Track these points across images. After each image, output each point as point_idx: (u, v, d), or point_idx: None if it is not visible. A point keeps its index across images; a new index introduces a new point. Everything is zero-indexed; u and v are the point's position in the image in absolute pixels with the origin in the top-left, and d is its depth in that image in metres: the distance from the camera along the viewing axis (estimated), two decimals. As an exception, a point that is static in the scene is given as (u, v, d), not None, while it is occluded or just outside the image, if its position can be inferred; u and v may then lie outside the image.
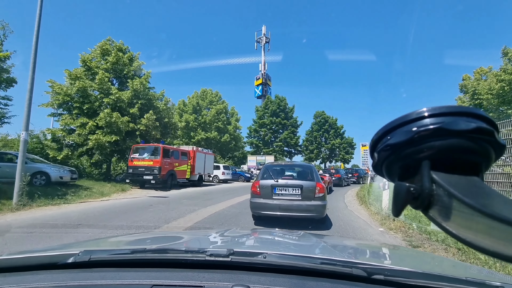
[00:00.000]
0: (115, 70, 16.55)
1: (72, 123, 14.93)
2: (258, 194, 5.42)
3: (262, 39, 49.95)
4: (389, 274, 0.90)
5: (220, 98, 35.08)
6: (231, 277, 0.90)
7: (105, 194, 10.86)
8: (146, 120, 15.40)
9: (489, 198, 0.28)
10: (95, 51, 16.55)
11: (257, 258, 0.98)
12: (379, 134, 0.35)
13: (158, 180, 13.84)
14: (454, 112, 0.31)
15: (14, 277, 0.94)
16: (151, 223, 5.82)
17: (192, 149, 17.92)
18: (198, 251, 1.03)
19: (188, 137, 31.34)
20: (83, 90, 14.95)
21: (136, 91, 15.83)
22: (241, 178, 25.87)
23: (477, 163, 0.32)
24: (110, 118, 14.31)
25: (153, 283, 0.85)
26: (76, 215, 6.39)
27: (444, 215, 0.29)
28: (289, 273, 0.94)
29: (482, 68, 20.70)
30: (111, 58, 16.01)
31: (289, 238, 1.74)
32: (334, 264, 0.96)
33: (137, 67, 16.82)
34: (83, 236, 4.65)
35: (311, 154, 40.62)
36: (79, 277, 0.92)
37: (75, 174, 11.95)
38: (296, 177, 5.84)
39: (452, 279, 0.87)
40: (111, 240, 1.78)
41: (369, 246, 1.95)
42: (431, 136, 0.31)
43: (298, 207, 5.14)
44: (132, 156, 14.35)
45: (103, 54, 16.44)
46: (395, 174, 0.35)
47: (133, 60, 17.16)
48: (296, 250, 1.42)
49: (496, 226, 0.24)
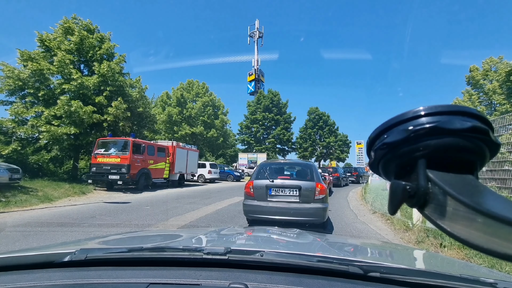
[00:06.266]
0: (80, 52, 14.16)
1: (24, 112, 12.50)
2: (251, 196, 4.98)
3: (255, 34, 47.86)
4: (385, 272, 0.90)
5: (207, 90, 32.37)
6: (228, 275, 0.91)
7: (51, 199, 8.60)
8: (114, 109, 13.02)
9: (484, 196, 0.28)
10: (57, 31, 14.10)
11: (254, 256, 0.99)
12: (376, 132, 0.36)
13: (126, 180, 11.62)
14: (450, 111, 0.32)
15: (9, 276, 0.93)
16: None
17: (171, 144, 15.66)
18: (195, 249, 1.05)
19: (171, 132, 28.72)
20: (39, 74, 12.55)
21: (105, 76, 13.45)
22: (230, 177, 23.60)
23: (472, 162, 0.33)
24: (68, 107, 11.97)
25: (150, 282, 0.84)
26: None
27: (439, 213, 0.29)
28: (286, 271, 0.94)
29: (492, 58, 19.05)
30: (74, 38, 13.60)
31: (286, 236, 1.78)
32: (331, 262, 0.97)
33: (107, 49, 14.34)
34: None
35: (305, 152, 38.79)
36: (75, 275, 0.92)
37: (17, 174, 9.59)
38: (294, 177, 5.30)
39: (447, 276, 0.89)
40: (108, 239, 1.70)
41: (366, 244, 1.89)
42: (427, 135, 0.31)
43: (295, 210, 4.68)
44: (96, 152, 12.07)
45: (66, 34, 14.01)
46: (391, 172, 0.36)
47: (104, 42, 14.77)
48: (293, 248, 1.46)
49: (491, 224, 0.25)
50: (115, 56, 15.19)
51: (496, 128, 6.56)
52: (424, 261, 1.48)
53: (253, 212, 4.94)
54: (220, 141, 31.56)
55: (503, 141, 6.20)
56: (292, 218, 4.66)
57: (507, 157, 6.28)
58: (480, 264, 3.18)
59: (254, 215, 4.94)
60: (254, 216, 4.96)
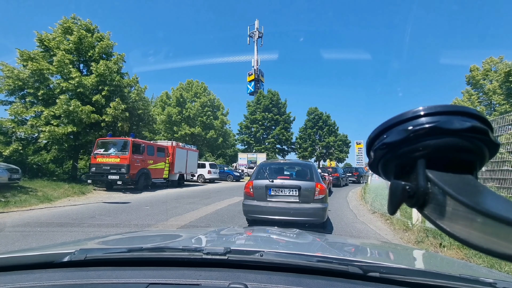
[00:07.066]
0: (80, 52, 14.13)
1: (24, 112, 12.47)
2: (251, 196, 4.97)
3: (255, 34, 47.76)
4: (384, 272, 0.90)
5: (205, 89, 32.23)
6: (228, 275, 0.91)
7: (51, 199, 8.59)
8: (112, 109, 12.99)
9: (483, 196, 0.28)
10: (56, 31, 14.07)
11: (254, 256, 0.99)
12: (376, 132, 0.36)
13: (126, 180, 11.60)
14: (449, 111, 0.32)
15: (9, 276, 0.93)
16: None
17: (171, 144, 15.63)
18: (195, 249, 1.04)
19: (171, 132, 28.64)
20: (39, 74, 12.53)
21: (102, 76, 13.41)
22: (229, 178, 23.56)
23: (472, 162, 0.33)
24: (67, 107, 11.95)
25: (150, 282, 0.84)
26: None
27: (438, 213, 0.29)
28: (285, 271, 0.94)
29: (492, 58, 19.05)
30: (73, 37, 13.56)
31: (286, 236, 1.78)
32: (330, 262, 0.97)
33: (105, 48, 14.28)
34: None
35: (305, 152, 38.76)
36: (75, 276, 0.92)
37: (16, 174, 9.59)
38: (293, 177, 5.28)
39: (446, 276, 0.89)
40: (107, 239, 1.70)
41: (366, 244, 1.88)
42: (426, 135, 0.31)
43: (295, 210, 4.67)
44: (95, 152, 12.04)
45: (65, 34, 13.98)
46: (391, 172, 0.36)
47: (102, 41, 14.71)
48: (292, 248, 1.45)
49: (490, 224, 0.25)
50: (113, 55, 15.14)
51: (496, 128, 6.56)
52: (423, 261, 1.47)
53: (253, 212, 4.92)
54: (219, 141, 31.49)
55: (502, 141, 6.21)
56: (292, 218, 4.64)
57: (506, 157, 6.29)
58: (479, 264, 3.17)
59: (254, 215, 4.92)
60: (253, 216, 4.94)
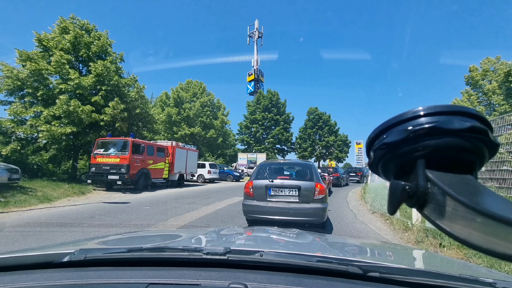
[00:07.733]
0: (77, 51, 14.10)
1: (23, 112, 12.45)
2: (251, 196, 4.97)
3: (255, 34, 47.73)
4: (384, 272, 0.90)
5: (204, 89, 32.19)
6: (228, 275, 0.91)
7: (50, 199, 8.59)
8: (111, 109, 12.98)
9: (483, 196, 0.28)
10: (55, 31, 14.05)
11: (254, 256, 0.99)
12: (375, 132, 0.36)
13: (125, 180, 11.59)
14: (449, 111, 0.32)
15: (8, 276, 0.93)
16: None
17: (171, 144, 15.62)
18: (195, 249, 1.04)
19: (171, 132, 28.63)
20: (38, 74, 12.52)
21: (100, 76, 13.40)
22: (229, 178, 23.55)
23: (471, 162, 0.32)
24: (67, 107, 11.93)
25: (149, 282, 0.84)
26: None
27: (438, 213, 0.29)
28: (285, 271, 0.94)
29: (490, 58, 19.07)
30: (70, 37, 13.53)
31: (286, 236, 1.78)
32: (330, 262, 0.97)
33: (102, 46, 14.23)
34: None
35: (305, 152, 38.76)
36: (74, 276, 0.92)
37: (16, 174, 9.57)
38: (293, 177, 5.28)
39: (446, 276, 0.89)
40: (107, 239, 1.69)
41: (366, 244, 1.89)
42: (426, 135, 0.31)
43: (295, 210, 4.67)
44: (95, 152, 12.04)
45: (62, 33, 13.95)
46: (391, 172, 0.36)
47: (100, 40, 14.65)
48: (292, 248, 1.44)
49: (489, 224, 0.25)
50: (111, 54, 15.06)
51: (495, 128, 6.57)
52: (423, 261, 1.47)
53: (253, 212, 4.91)
54: (219, 141, 31.47)
55: (502, 141, 6.21)
56: (292, 218, 4.64)
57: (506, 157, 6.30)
58: (479, 264, 3.18)
59: (254, 215, 4.91)
60: (253, 216, 4.93)
